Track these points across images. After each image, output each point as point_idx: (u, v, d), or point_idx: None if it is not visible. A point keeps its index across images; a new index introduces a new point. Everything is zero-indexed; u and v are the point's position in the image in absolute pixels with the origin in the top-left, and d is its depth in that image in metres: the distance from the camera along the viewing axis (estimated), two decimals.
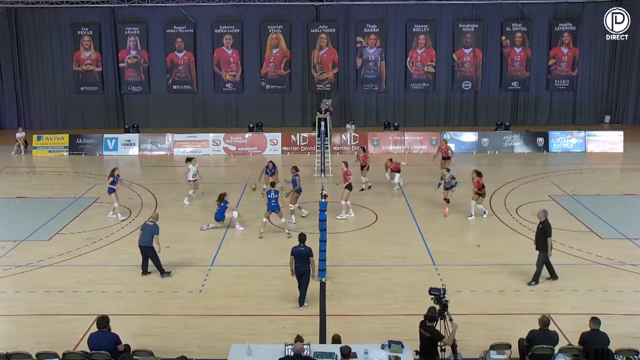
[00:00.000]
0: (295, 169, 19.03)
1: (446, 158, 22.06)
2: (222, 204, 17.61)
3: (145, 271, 14.51)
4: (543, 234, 13.66)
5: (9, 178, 23.84)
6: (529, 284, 13.73)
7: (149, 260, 14.46)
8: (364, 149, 22.21)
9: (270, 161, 21.19)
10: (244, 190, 21.41)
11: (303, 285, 12.81)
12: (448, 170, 18.91)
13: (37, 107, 32.36)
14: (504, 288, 13.52)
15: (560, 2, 30.67)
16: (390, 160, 21.86)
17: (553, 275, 13.91)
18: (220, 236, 17.09)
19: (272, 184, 17.73)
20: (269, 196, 16.88)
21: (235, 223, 17.59)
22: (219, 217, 17.54)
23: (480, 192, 18.11)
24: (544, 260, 13.76)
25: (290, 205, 18.23)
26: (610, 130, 28.90)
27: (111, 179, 18.66)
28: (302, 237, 12.94)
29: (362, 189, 20.88)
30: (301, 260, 12.70)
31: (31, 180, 23.80)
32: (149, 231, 14.28)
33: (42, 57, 31.60)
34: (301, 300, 12.84)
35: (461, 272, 14.53)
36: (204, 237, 17.09)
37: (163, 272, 14.42)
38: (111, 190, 18.64)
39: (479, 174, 18.26)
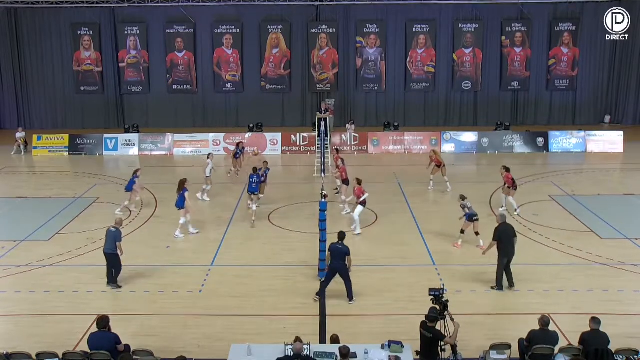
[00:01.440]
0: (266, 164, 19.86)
1: (439, 166, 21.14)
2: (181, 191, 16.96)
3: (110, 280, 13.83)
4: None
5: (9, 178, 23.84)
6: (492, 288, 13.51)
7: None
8: (337, 150, 21.83)
9: (240, 142, 22.45)
10: (244, 189, 21.38)
11: (346, 282, 12.96)
12: (463, 198, 16.44)
13: (37, 107, 32.36)
14: (503, 288, 13.51)
15: (560, 2, 30.67)
16: (434, 151, 21.77)
17: (509, 283, 13.50)
18: (220, 236, 17.09)
19: (255, 169, 18.51)
20: (250, 180, 18.11)
21: (188, 225, 17.17)
22: (179, 204, 16.88)
23: (512, 186, 18.46)
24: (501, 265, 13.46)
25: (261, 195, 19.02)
26: (610, 130, 28.91)
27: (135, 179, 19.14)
28: (341, 235, 13.12)
29: (343, 208, 19.46)
30: (338, 258, 12.85)
31: (31, 180, 23.81)
32: (112, 237, 13.74)
33: (42, 57, 31.60)
34: (350, 296, 12.97)
35: (461, 272, 14.53)
36: (203, 237, 17.07)
37: (114, 283, 13.77)
38: (129, 188, 19.04)
39: (507, 170, 18.57)
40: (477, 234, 15.88)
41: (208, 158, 20.89)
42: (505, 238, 13.28)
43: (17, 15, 31.12)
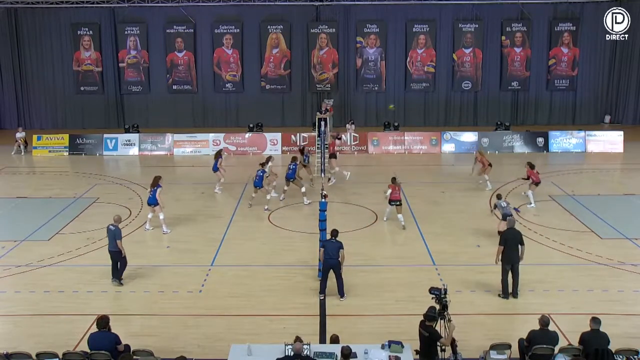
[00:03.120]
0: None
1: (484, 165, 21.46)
2: (154, 187, 17.08)
3: (114, 275, 13.94)
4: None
5: (9, 178, 23.84)
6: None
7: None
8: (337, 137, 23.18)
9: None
10: (244, 189, 21.39)
11: (337, 277, 13.04)
12: (499, 197, 17.20)
13: (37, 107, 32.36)
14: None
15: (560, 2, 30.68)
16: (480, 152, 22.07)
17: (513, 292, 13.21)
18: (220, 236, 17.09)
19: (262, 164, 19.54)
20: (258, 173, 19.26)
21: (162, 223, 17.28)
22: (151, 202, 17.00)
23: (535, 182, 19.14)
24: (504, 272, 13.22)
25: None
26: (610, 130, 28.90)
27: (220, 159, 20.95)
28: (334, 232, 13.30)
29: (329, 179, 21.48)
30: (333, 253, 12.90)
31: (31, 180, 23.80)
32: (111, 235, 13.86)
33: (42, 57, 31.60)
34: (341, 292, 13.06)
35: (461, 272, 14.53)
36: (203, 237, 17.07)
37: (118, 279, 13.90)
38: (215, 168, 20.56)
39: (531, 166, 19.31)
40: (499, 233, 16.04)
41: (268, 162, 20.39)
42: (510, 244, 13.03)
43: (17, 15, 31.13)
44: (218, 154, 21.51)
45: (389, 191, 17.41)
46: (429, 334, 9.67)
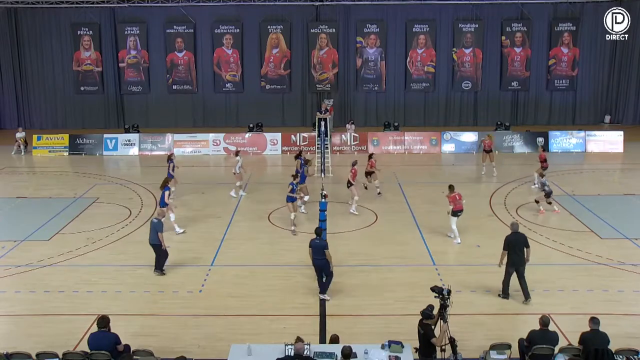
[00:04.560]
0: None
1: (488, 151, 23.13)
2: (163, 189, 17.04)
3: (156, 267, 14.47)
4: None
5: (9, 178, 23.84)
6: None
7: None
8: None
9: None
10: (244, 189, 21.38)
11: (328, 277, 13.01)
12: (542, 175, 19.68)
13: (37, 107, 32.37)
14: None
15: (560, 2, 30.69)
16: (489, 135, 23.60)
17: (525, 296, 13.06)
18: (220, 236, 17.08)
19: (294, 176, 17.90)
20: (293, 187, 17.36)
21: (173, 225, 17.13)
22: (161, 204, 16.91)
23: (543, 165, 20.57)
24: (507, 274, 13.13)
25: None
26: (610, 130, 28.91)
27: (170, 164, 19.69)
28: (318, 231, 13.17)
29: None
30: (318, 253, 12.83)
31: (31, 180, 23.80)
32: (153, 228, 14.33)
33: (42, 57, 31.61)
34: (322, 290, 13.01)
35: (461, 272, 14.53)
36: (204, 237, 17.06)
37: (160, 270, 14.41)
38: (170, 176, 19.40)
39: (544, 150, 21.27)
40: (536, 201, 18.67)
41: (237, 156, 20.77)
42: (513, 247, 12.90)
43: (17, 15, 31.14)
44: (169, 158, 20.29)
45: (450, 205, 16.19)
46: (424, 331, 9.71)
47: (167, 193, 16.99)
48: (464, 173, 24.06)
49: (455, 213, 16.19)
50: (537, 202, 18.76)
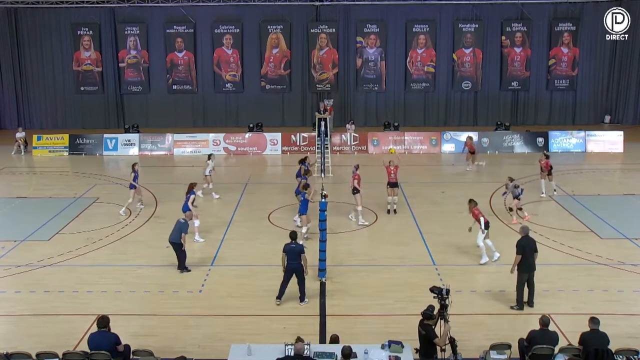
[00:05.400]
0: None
1: (472, 152, 23.94)
2: (188, 194, 16.80)
3: (179, 266, 14.63)
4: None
5: (9, 178, 23.84)
6: (512, 307, 12.72)
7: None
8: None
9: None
10: (244, 189, 21.40)
11: (300, 282, 12.90)
12: (511, 179, 18.20)
13: (37, 107, 32.36)
14: (504, 288, 13.49)
15: (560, 2, 30.69)
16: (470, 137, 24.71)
17: (529, 301, 12.70)
18: (220, 236, 17.08)
19: (304, 187, 16.94)
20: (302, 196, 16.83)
21: (195, 231, 16.46)
22: (184, 209, 16.48)
23: (549, 173, 20.23)
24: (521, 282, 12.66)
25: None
26: (610, 130, 28.91)
27: (133, 174, 18.99)
28: (293, 235, 13.08)
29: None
30: (293, 258, 12.74)
31: (31, 180, 23.80)
32: (177, 228, 14.49)
33: (42, 57, 31.61)
34: (302, 297, 12.92)
35: (461, 272, 14.52)
36: (204, 237, 17.01)
37: (183, 268, 14.59)
38: (132, 186, 19.00)
39: (547, 157, 20.49)
40: (509, 209, 18.26)
41: (209, 159, 21.01)
42: (528, 252, 12.57)
43: (17, 15, 31.13)
44: (132, 168, 19.30)
45: (476, 221, 14.96)
46: (425, 332, 9.69)
47: (192, 197, 16.84)
48: (464, 173, 24.05)
49: (487, 226, 14.97)
50: (510, 210, 18.25)
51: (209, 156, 21.36)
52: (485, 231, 14.88)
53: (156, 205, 19.88)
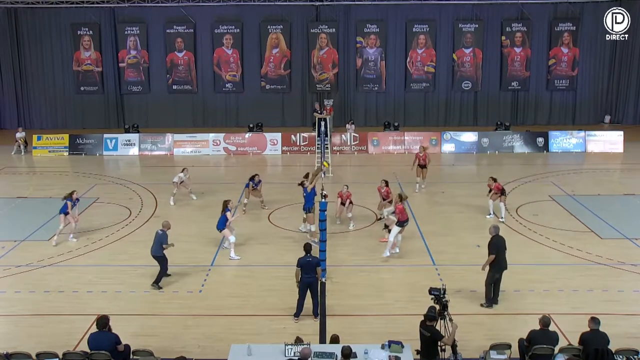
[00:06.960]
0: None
1: (423, 166, 21.09)
2: (224, 212, 15.63)
3: (156, 280, 13.88)
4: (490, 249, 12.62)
5: (9, 178, 23.83)
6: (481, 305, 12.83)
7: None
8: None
9: (256, 174, 19.58)
10: (244, 190, 21.37)
11: (315, 296, 12.38)
12: (494, 179, 18.02)
13: (37, 107, 32.36)
14: (504, 288, 13.44)
15: (560, 2, 30.68)
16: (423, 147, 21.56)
17: (494, 299, 12.79)
18: (220, 236, 17.04)
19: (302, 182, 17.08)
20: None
21: (230, 247, 15.65)
22: (220, 227, 15.64)
23: (502, 193, 17.99)
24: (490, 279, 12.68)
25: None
26: (610, 130, 28.90)
27: (69, 202, 16.64)
28: (307, 248, 12.51)
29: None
30: (309, 271, 12.17)
31: (31, 180, 23.80)
32: (157, 240, 13.86)
33: (42, 57, 31.60)
34: (315, 311, 12.40)
35: (461, 272, 14.52)
36: (203, 237, 17.05)
37: (157, 283, 13.78)
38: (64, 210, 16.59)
39: (495, 180, 18.17)
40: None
41: (182, 172, 20.18)
42: (501, 251, 12.62)
43: (17, 15, 31.12)
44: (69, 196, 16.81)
45: (391, 210, 15.47)
46: (430, 333, 9.66)
47: (228, 214, 15.52)
48: (464, 173, 24.06)
49: (402, 224, 15.16)
50: (386, 226, 16.20)
51: (183, 169, 20.35)
52: (399, 228, 15.11)
53: (156, 206, 19.88)
